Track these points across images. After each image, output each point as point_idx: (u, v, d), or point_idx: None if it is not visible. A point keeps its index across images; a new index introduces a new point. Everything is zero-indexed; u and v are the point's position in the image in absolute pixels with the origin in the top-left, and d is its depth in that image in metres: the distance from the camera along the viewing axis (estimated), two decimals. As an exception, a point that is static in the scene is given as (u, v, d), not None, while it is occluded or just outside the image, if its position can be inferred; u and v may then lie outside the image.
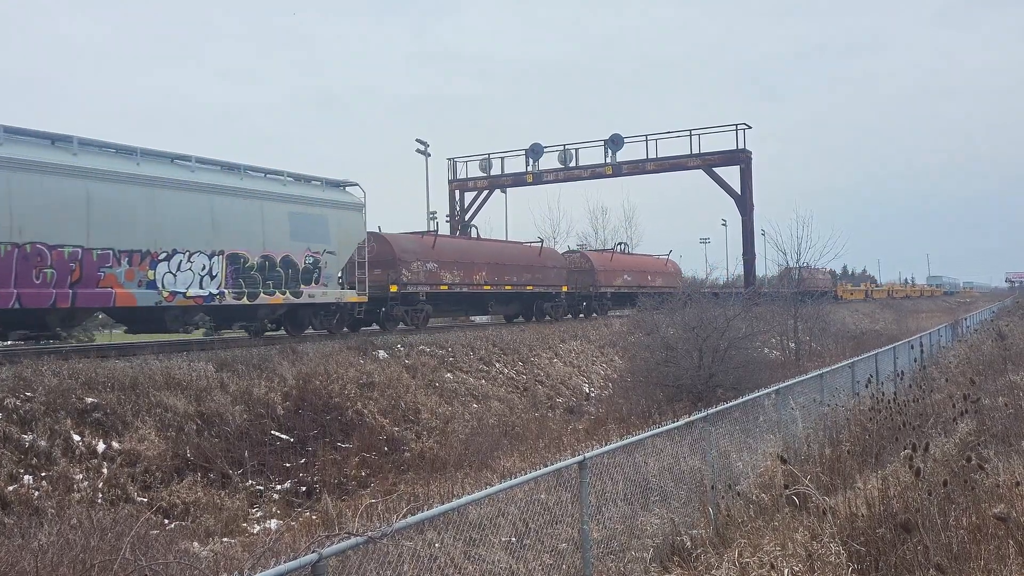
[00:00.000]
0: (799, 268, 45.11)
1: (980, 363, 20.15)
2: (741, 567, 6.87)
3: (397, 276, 22.65)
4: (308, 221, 18.92)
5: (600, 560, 7.11)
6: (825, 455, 10.19)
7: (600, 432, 16.32)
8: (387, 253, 22.93)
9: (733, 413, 10.05)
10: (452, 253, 25.75)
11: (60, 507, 9.97)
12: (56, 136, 14.48)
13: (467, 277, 25.61)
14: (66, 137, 14.50)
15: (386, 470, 13.78)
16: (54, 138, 14.43)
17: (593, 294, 33.05)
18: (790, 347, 30.17)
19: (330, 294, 19.69)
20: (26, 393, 11.77)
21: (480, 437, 15.87)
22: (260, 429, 13.74)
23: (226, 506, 11.40)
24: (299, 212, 18.77)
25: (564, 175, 41.91)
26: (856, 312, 55.04)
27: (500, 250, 29.07)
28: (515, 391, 20.88)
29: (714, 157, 38.03)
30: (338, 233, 19.84)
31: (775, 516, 8.32)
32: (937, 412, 12.01)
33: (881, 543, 6.55)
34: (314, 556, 4.23)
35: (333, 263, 19.75)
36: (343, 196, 20.62)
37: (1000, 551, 6.06)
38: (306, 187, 19.49)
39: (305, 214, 18.89)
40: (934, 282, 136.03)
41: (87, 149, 14.80)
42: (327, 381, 16.07)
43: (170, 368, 14.07)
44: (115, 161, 15.20)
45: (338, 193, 20.52)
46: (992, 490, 7.42)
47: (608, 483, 7.82)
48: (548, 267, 30.15)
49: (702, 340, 19.71)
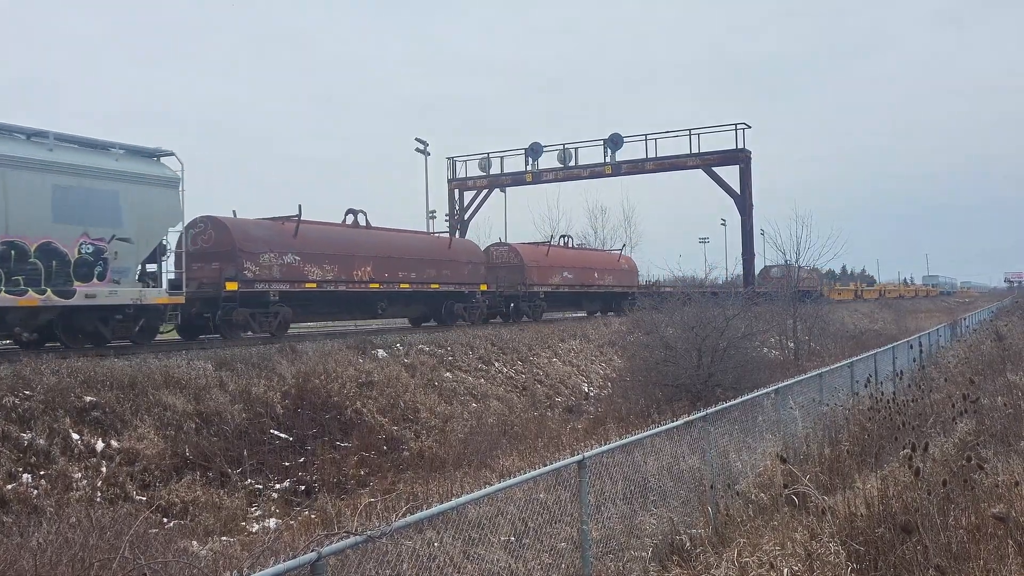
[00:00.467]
0: (776, 266, 45.09)
1: (979, 363, 20.16)
2: (740, 567, 6.87)
3: (238, 271, 18.43)
4: (86, 197, 14.77)
5: (599, 559, 7.11)
6: (824, 455, 10.19)
7: (599, 431, 16.31)
8: (225, 242, 18.75)
9: (732, 413, 10.05)
10: (323, 243, 21.16)
11: (59, 506, 9.97)
12: None
13: (345, 273, 21.32)
14: None
15: (385, 469, 13.78)
16: None
17: (522, 293, 29.39)
18: (789, 347, 30.19)
19: (123, 294, 15.34)
20: (25, 391, 11.76)
21: (479, 436, 15.87)
22: (259, 428, 13.75)
23: (225, 505, 11.39)
24: (70, 185, 14.54)
25: (563, 175, 41.92)
26: (855, 312, 55.06)
27: (394, 241, 24.09)
28: (514, 390, 20.88)
29: (713, 157, 38.03)
30: (137, 214, 15.59)
31: (774, 516, 8.33)
32: (936, 412, 12.00)
33: (880, 543, 6.55)
34: (313, 555, 4.23)
35: (128, 253, 15.51)
36: (148, 167, 16.26)
37: (999, 551, 6.06)
38: (83, 153, 15.18)
39: (80, 188, 14.70)
40: (930, 282, 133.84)
41: None
42: (326, 380, 16.07)
43: (169, 367, 14.07)
44: None
45: (139, 163, 16.17)
46: (991, 490, 7.42)
47: (607, 482, 7.81)
48: (460, 262, 25.95)
49: (701, 340, 19.71)
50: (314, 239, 20.97)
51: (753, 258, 38.51)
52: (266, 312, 19.27)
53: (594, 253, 38.98)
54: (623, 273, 36.77)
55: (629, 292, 34.94)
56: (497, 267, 29.37)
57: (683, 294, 23.41)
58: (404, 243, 24.56)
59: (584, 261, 34.84)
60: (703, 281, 33.89)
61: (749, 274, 38.25)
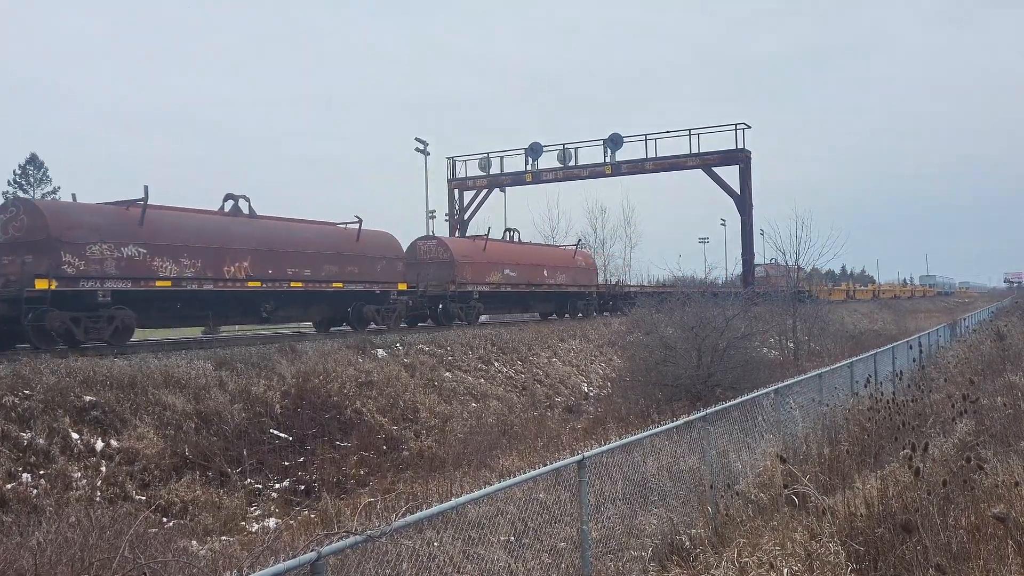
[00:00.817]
0: (760, 265, 44.90)
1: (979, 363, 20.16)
2: (740, 566, 6.86)
3: (53, 265, 15.05)
4: None
5: (599, 559, 7.10)
6: (824, 455, 10.19)
7: (599, 431, 16.31)
8: (38, 230, 15.38)
9: (732, 413, 10.05)
10: (181, 234, 17.55)
11: (58, 505, 9.97)
12: None
13: (213, 269, 17.87)
14: None
15: (385, 469, 13.78)
16: None
17: (451, 293, 26.05)
18: (789, 347, 30.18)
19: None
20: (24, 391, 11.76)
21: (479, 436, 15.87)
22: (259, 428, 13.74)
23: (225, 505, 11.39)
24: None
25: (563, 174, 41.92)
26: (854, 313, 55.06)
27: (281, 231, 20.23)
28: (514, 390, 20.88)
29: (713, 157, 38.05)
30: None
31: (774, 516, 8.33)
32: (936, 412, 12.00)
33: (880, 543, 6.55)
34: (313, 555, 4.23)
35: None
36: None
37: (999, 551, 6.05)
38: None
39: None
40: (927, 281, 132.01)
41: None
42: (326, 380, 16.06)
43: (169, 367, 14.07)
44: None
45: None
46: (991, 490, 7.42)
47: (607, 482, 7.81)
48: (371, 257, 22.46)
49: (701, 340, 19.71)
50: (168, 228, 17.36)
51: (753, 258, 38.55)
52: (95, 317, 15.80)
53: (544, 249, 35.05)
54: (579, 271, 33.42)
55: (586, 292, 33.34)
56: (424, 264, 26.18)
57: (660, 294, 23.25)
58: (295, 234, 20.67)
59: (532, 257, 31.19)
60: (684, 281, 32.60)
61: (749, 274, 38.28)
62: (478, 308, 27.40)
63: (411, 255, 26.12)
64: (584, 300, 33.33)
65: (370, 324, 22.76)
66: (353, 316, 22.47)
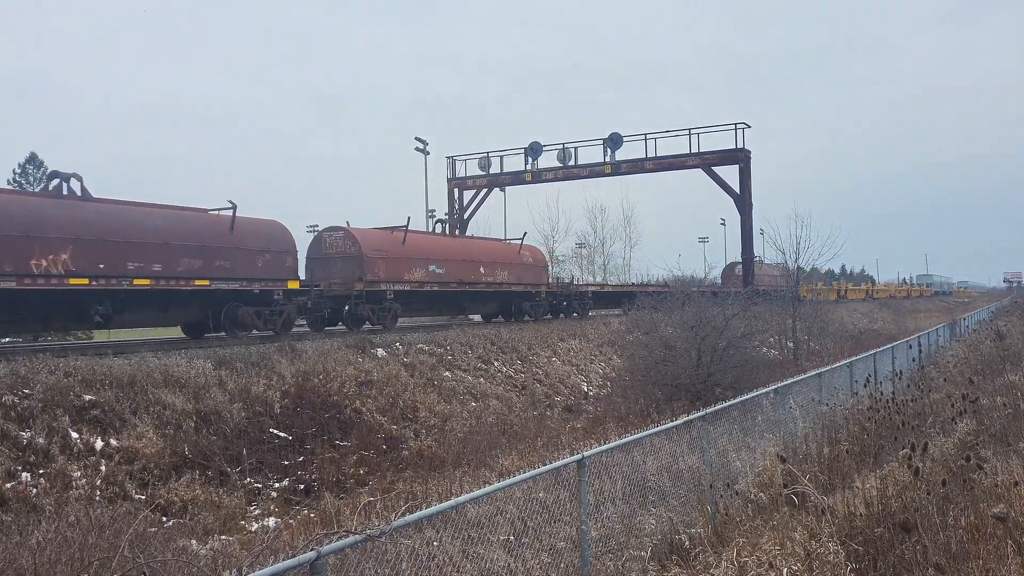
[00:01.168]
0: (740, 264, 44.62)
1: (978, 363, 20.15)
2: (739, 566, 6.86)
3: None
4: None
5: (598, 559, 7.10)
6: (824, 454, 10.19)
7: (598, 431, 16.31)
8: None
9: (732, 412, 10.05)
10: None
11: (58, 504, 9.97)
12: None
13: (18, 263, 14.41)
14: None
15: (384, 468, 13.78)
16: None
17: (357, 293, 22.40)
18: (789, 346, 30.19)
19: None
20: (24, 390, 11.76)
21: (478, 436, 15.87)
22: (258, 427, 13.74)
23: (224, 504, 11.40)
24: None
25: (563, 174, 41.93)
26: (854, 312, 55.07)
27: (119, 218, 16.50)
28: (513, 390, 20.88)
29: (713, 156, 38.06)
30: None
31: (773, 515, 8.32)
32: (936, 412, 12.00)
33: (879, 542, 6.55)
34: (312, 554, 4.23)
35: None
36: None
37: (999, 551, 6.05)
38: None
39: None
40: (924, 281, 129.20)
41: None
42: (325, 379, 16.06)
43: (168, 366, 14.07)
44: None
45: None
46: (990, 490, 7.42)
47: (606, 482, 7.81)
48: (250, 250, 18.77)
49: (700, 339, 19.72)
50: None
51: (753, 258, 38.56)
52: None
53: (481, 243, 31.06)
54: (526, 268, 29.93)
55: (534, 292, 30.22)
56: (330, 259, 23.00)
57: (621, 294, 23.13)
58: (141, 222, 16.81)
59: (465, 252, 27.61)
60: (660, 281, 32.08)
61: (749, 273, 38.29)
62: (394, 310, 23.76)
63: (315, 249, 23.56)
64: (531, 301, 30.18)
65: (249, 331, 19.08)
66: (226, 320, 18.73)
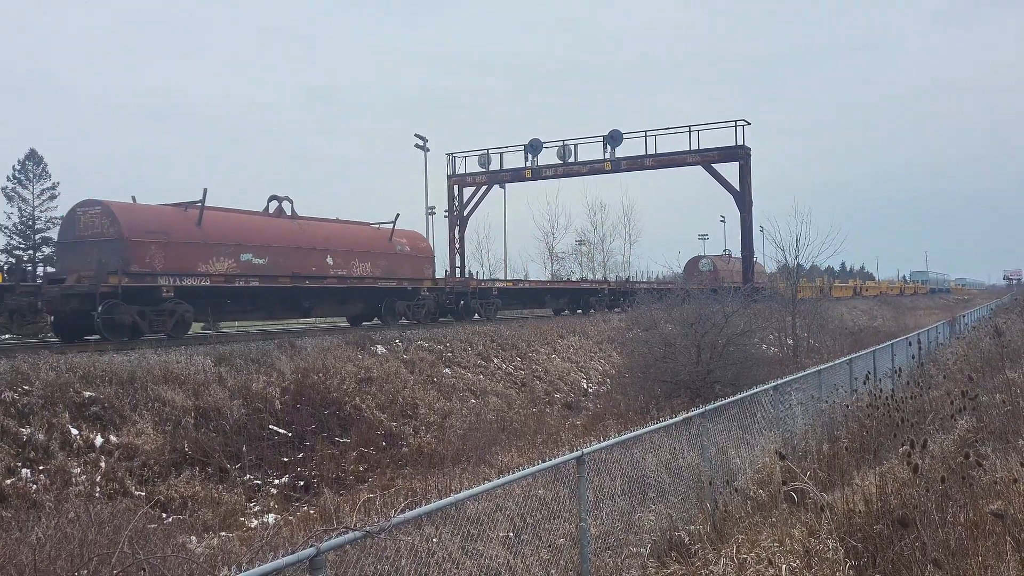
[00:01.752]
0: (706, 257, 44.23)
1: (978, 360, 20.15)
2: (739, 563, 6.87)
3: None
4: None
5: (598, 555, 7.11)
6: (823, 451, 10.19)
7: (598, 428, 16.32)
8: None
9: (731, 409, 10.05)
10: None
11: (58, 501, 9.98)
12: None
13: None
14: None
15: (384, 465, 13.79)
16: None
17: (112, 291, 16.60)
18: (788, 344, 30.19)
19: None
20: (24, 387, 11.76)
21: (478, 432, 15.88)
22: (258, 423, 13.75)
23: (224, 500, 11.40)
24: None
25: (563, 171, 41.90)
26: (854, 310, 55.09)
27: None
28: (513, 386, 20.89)
29: (713, 153, 38.02)
30: None
31: (773, 512, 8.33)
32: (935, 409, 12.00)
33: (878, 539, 6.55)
34: (312, 550, 4.22)
35: None
36: None
37: (997, 547, 6.06)
38: None
39: None
40: (919, 277, 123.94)
41: None
42: (325, 376, 16.07)
43: (168, 362, 14.07)
44: None
45: None
46: (990, 487, 7.42)
47: (606, 479, 7.81)
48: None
49: (700, 336, 19.72)
50: None
51: (752, 255, 38.54)
52: None
53: (329, 226, 22.94)
54: (400, 260, 24.08)
55: (414, 289, 24.87)
56: (84, 244, 17.57)
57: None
58: None
59: (302, 237, 20.90)
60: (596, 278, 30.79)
61: (748, 271, 38.29)
62: (179, 313, 17.95)
63: (68, 231, 18.15)
64: (409, 300, 24.81)
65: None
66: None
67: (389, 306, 24.31)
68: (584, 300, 37.16)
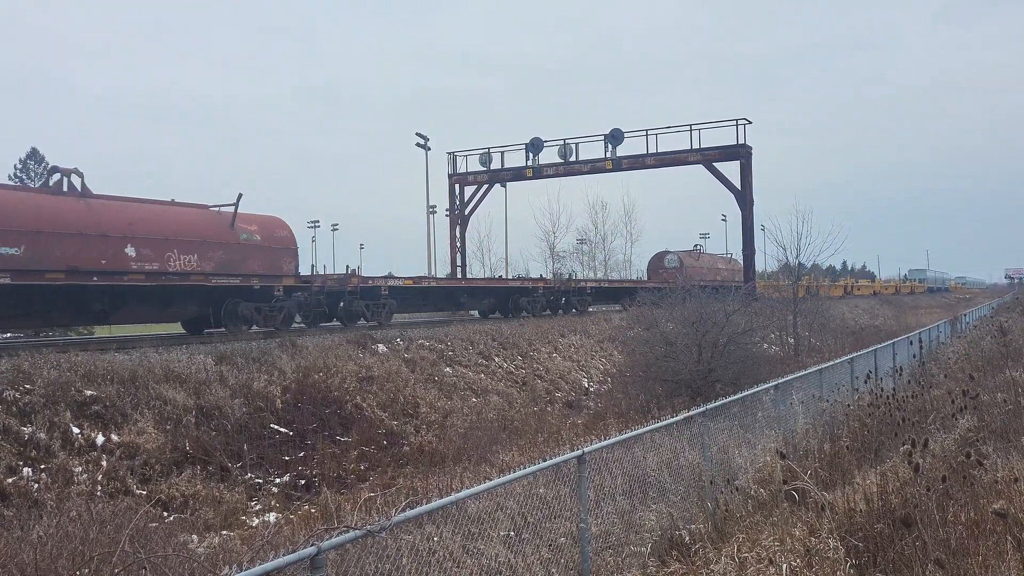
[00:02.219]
0: (673, 253, 43.66)
1: (979, 359, 20.13)
2: (739, 562, 6.87)
3: None
4: None
5: (598, 554, 7.11)
6: (824, 451, 10.18)
7: (599, 427, 16.33)
8: None
9: (732, 408, 10.04)
10: None
11: (59, 499, 9.99)
12: None
13: None
14: None
15: (385, 464, 13.80)
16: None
17: None
18: (789, 343, 30.20)
19: None
20: (25, 385, 11.77)
21: (479, 431, 15.89)
22: (259, 422, 13.76)
23: (225, 499, 11.42)
24: None
25: (564, 169, 41.92)
26: (855, 309, 55.09)
27: None
28: (514, 385, 20.89)
29: (714, 152, 38.03)
30: None
31: (773, 511, 8.32)
32: (936, 408, 11.98)
33: (879, 538, 6.55)
34: (312, 549, 4.23)
35: None
36: None
37: (998, 547, 6.06)
38: None
39: None
40: (917, 276, 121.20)
41: None
42: (326, 375, 16.07)
43: (169, 361, 14.08)
44: None
45: None
46: (991, 486, 7.42)
47: (607, 478, 7.81)
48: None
49: (701, 335, 19.72)
50: None
51: (753, 254, 38.54)
52: None
53: (136, 207, 17.06)
54: (246, 251, 18.66)
55: (267, 288, 18.97)
56: None
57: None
58: None
59: (92, 223, 15.53)
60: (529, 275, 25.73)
61: (749, 269, 38.30)
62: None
63: None
64: (261, 301, 19.08)
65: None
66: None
67: (230, 309, 18.61)
68: (514, 301, 30.68)
